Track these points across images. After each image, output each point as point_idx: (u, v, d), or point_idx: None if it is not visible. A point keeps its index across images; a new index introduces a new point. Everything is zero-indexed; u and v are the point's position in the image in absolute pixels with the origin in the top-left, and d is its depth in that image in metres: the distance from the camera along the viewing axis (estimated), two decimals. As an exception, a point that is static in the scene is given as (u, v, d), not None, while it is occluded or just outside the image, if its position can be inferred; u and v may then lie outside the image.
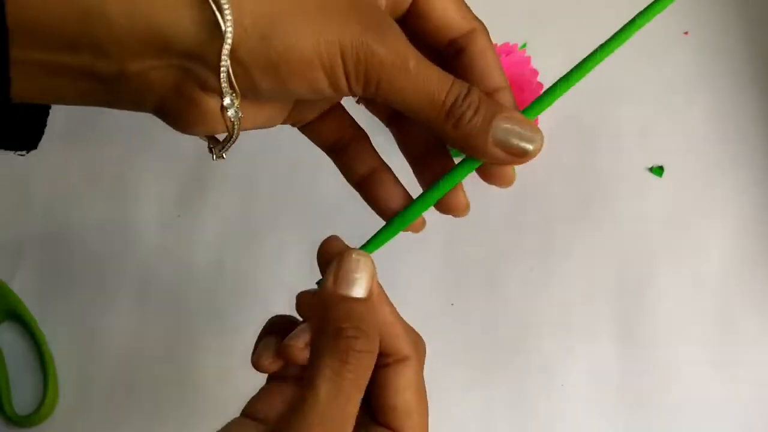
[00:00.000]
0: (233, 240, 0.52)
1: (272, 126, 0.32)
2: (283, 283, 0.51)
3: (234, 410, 0.39)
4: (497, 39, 0.52)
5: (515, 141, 0.29)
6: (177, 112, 0.27)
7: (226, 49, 0.24)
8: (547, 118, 0.53)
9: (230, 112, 0.27)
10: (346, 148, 0.34)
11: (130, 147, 0.55)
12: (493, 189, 0.53)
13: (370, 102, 0.34)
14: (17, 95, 0.25)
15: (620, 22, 0.30)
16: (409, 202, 0.32)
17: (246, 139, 0.56)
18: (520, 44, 0.53)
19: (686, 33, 0.56)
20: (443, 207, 0.32)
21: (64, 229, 0.53)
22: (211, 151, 0.30)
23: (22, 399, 0.49)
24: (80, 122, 0.55)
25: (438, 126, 0.28)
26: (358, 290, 0.29)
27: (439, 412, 0.48)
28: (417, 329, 0.50)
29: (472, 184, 0.33)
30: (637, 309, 0.49)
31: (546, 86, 0.54)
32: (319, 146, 0.34)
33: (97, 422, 0.49)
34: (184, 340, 0.50)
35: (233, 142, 0.29)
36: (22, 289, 0.51)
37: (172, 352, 0.50)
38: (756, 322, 0.49)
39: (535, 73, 0.52)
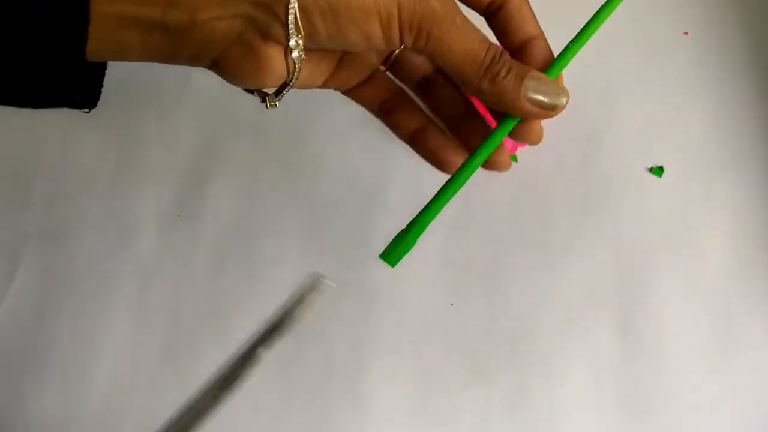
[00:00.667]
0: (233, 240, 0.52)
1: (313, 86, 0.34)
2: (283, 283, 0.51)
3: (234, 410, 0.39)
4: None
5: (545, 96, 0.31)
6: (236, 62, 0.29)
7: None
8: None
9: (294, 54, 0.28)
10: (392, 110, 0.36)
11: (130, 147, 0.55)
12: (493, 189, 0.53)
13: (399, 69, 0.36)
14: (92, 51, 0.27)
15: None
16: (461, 149, 0.35)
17: (246, 140, 0.57)
18: (520, 44, 0.53)
19: (686, 33, 0.56)
20: (489, 165, 0.35)
21: (64, 229, 0.53)
22: (264, 100, 0.32)
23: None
24: (80, 122, 0.55)
25: (476, 81, 0.31)
26: None
27: (439, 412, 0.48)
28: (417, 329, 0.50)
29: (471, 185, 0.33)
30: (637, 309, 0.49)
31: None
32: (366, 108, 0.37)
33: (97, 422, 0.49)
34: (184, 340, 0.50)
35: (290, 87, 0.30)
36: (22, 289, 0.51)
37: (172, 352, 0.50)
38: (756, 322, 0.49)
39: (535, 73, 0.52)
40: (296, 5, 0.27)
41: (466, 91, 0.32)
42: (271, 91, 0.32)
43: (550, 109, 0.31)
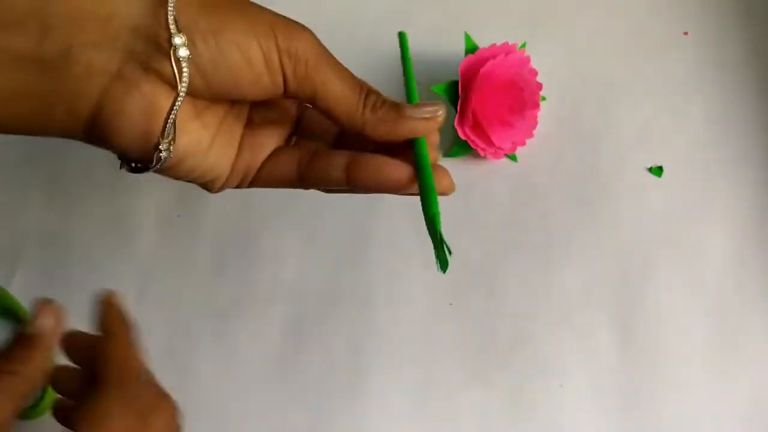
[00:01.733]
0: (233, 240, 0.52)
1: (220, 174, 0.33)
2: (283, 282, 0.51)
3: (234, 410, 0.39)
4: (497, 39, 0.52)
5: (423, 112, 0.32)
6: (119, 102, 0.28)
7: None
8: (548, 118, 0.53)
9: (181, 52, 0.27)
10: (312, 162, 0.34)
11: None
12: (493, 188, 0.53)
13: (309, 132, 0.36)
14: None
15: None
16: (403, 163, 0.33)
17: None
18: (519, 44, 0.53)
19: (686, 33, 0.56)
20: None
21: (64, 230, 0.53)
22: (158, 163, 0.31)
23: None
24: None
25: (358, 113, 0.31)
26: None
27: (439, 413, 0.48)
28: (417, 329, 0.50)
29: (469, 184, 0.34)
30: (637, 309, 0.49)
31: (545, 86, 0.54)
32: (288, 184, 0.34)
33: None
34: (184, 340, 0.50)
35: (181, 101, 0.28)
36: (22, 289, 0.51)
37: (172, 352, 0.50)
38: (755, 322, 0.49)
39: (535, 73, 0.52)
40: (173, 8, 0.27)
41: (349, 129, 0.32)
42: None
43: (434, 114, 0.32)
